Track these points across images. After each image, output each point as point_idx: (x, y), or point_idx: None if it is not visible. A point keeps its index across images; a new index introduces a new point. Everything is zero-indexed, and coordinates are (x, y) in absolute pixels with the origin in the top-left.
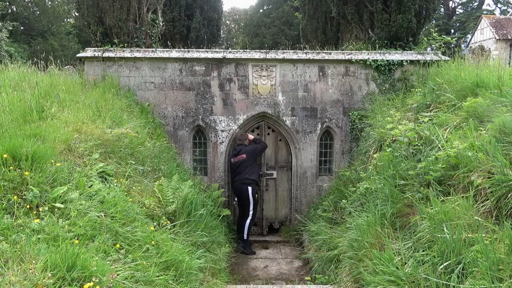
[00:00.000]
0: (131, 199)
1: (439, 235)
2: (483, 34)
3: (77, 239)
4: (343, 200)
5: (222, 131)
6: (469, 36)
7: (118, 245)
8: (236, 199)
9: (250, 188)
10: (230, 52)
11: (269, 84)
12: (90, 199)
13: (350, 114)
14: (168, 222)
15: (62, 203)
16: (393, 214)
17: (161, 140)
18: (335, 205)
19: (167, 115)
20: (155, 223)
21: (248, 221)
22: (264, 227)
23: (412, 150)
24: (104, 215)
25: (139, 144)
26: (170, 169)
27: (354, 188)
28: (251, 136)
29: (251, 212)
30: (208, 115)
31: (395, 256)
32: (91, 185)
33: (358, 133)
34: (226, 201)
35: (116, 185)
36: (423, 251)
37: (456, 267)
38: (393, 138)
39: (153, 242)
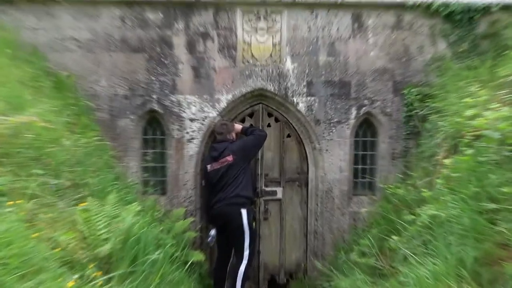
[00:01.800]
0: (36, 234)
1: None
2: None
3: None
4: (394, 237)
5: (192, 120)
6: None
7: None
8: (212, 232)
9: (244, 212)
10: None
11: (271, 42)
12: None
13: (405, 92)
14: (99, 273)
15: None
16: (477, 259)
17: (89, 135)
18: (381, 245)
19: (100, 94)
20: (76, 275)
21: (242, 268)
22: (262, 281)
23: (509, 153)
24: None
25: (51, 142)
26: (104, 183)
27: (413, 217)
28: (238, 126)
29: (246, 252)
30: (168, 94)
31: None
32: None
33: (417, 124)
34: (198, 238)
35: (12, 211)
36: None
37: None
38: (477, 133)
39: None
